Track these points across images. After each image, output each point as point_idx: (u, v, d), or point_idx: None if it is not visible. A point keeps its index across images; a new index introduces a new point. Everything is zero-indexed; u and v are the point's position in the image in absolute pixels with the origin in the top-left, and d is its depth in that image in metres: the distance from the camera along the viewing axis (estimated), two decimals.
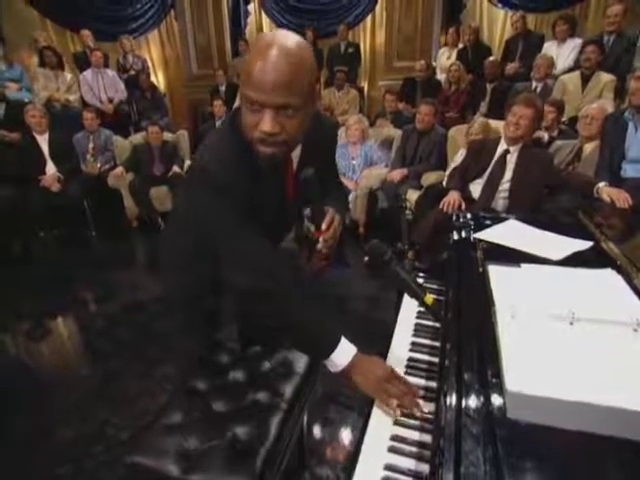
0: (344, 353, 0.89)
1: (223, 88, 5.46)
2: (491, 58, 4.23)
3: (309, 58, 0.82)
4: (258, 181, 0.92)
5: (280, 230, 1.20)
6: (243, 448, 1.00)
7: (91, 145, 4.09)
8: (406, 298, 1.14)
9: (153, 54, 6.47)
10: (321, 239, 1.03)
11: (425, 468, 0.69)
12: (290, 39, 0.79)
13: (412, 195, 3.17)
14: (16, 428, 1.78)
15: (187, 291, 1.26)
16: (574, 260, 1.03)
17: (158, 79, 6.49)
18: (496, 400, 0.62)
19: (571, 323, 0.75)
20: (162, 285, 1.41)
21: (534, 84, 3.69)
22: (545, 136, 2.82)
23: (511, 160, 2.32)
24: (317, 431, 1.67)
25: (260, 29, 6.30)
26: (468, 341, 0.78)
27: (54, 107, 4.56)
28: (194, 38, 6.22)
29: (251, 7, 6.15)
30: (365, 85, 6.00)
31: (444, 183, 2.79)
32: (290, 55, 0.77)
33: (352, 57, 5.39)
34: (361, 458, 0.74)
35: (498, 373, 0.65)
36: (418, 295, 0.82)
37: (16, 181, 3.61)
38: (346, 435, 1.66)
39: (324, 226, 1.03)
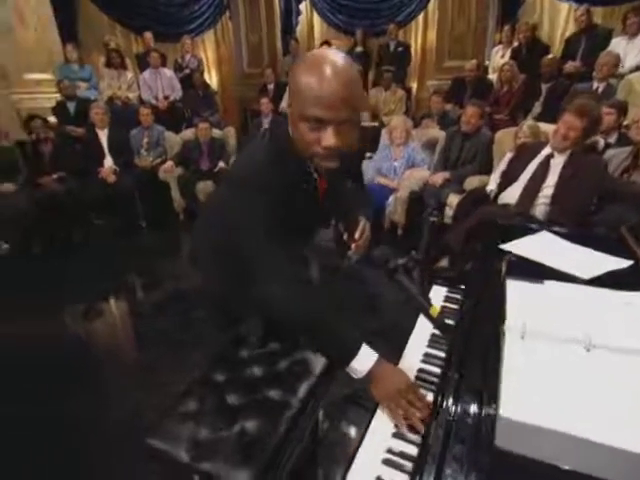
0: (365, 360, 0.90)
1: (272, 86, 5.58)
2: (549, 56, 3.98)
3: (357, 73, 0.87)
4: (292, 187, 0.96)
5: (309, 232, 1.23)
6: (251, 442, 1.03)
7: (145, 140, 4.32)
8: None
9: (208, 53, 6.74)
10: (353, 246, 1.05)
11: None
12: (339, 57, 0.84)
13: (453, 199, 3.06)
14: (62, 401, 1.94)
15: (214, 283, 1.31)
16: (607, 280, 0.95)
17: (211, 77, 6.74)
18: (488, 425, 0.59)
19: (587, 349, 0.70)
20: (191, 275, 1.47)
21: (595, 84, 3.43)
22: (601, 142, 2.61)
23: (557, 164, 2.17)
24: (333, 431, 1.68)
25: (311, 28, 6.36)
26: (473, 358, 0.75)
27: (116, 104, 4.89)
28: (246, 37, 6.40)
29: (302, 6, 6.22)
30: (414, 85, 5.87)
31: (487, 188, 2.68)
32: (347, 72, 0.82)
33: (401, 56, 5.30)
34: (353, 467, 0.74)
35: (495, 396, 0.63)
36: (422, 306, 0.80)
37: (79, 173, 3.93)
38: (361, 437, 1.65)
39: (357, 235, 1.06)
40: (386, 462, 0.74)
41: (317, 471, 1.50)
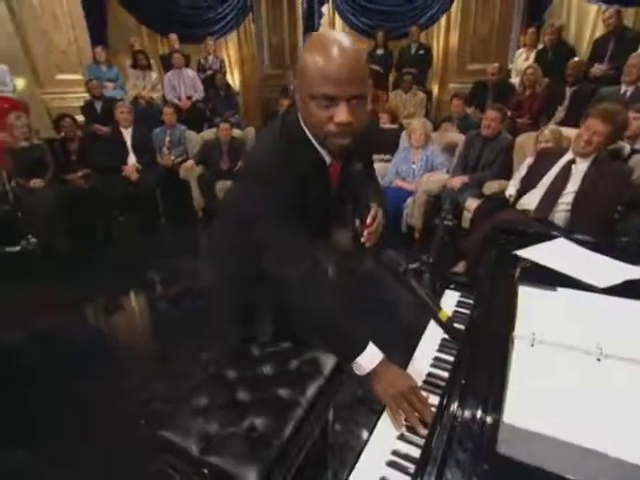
0: (370, 358, 0.92)
1: (292, 87, 5.61)
2: (575, 59, 3.87)
3: (362, 50, 0.89)
4: (304, 176, 0.97)
5: (325, 222, 1.23)
6: (259, 439, 1.04)
7: (167, 139, 4.42)
8: None
9: (231, 54, 6.84)
10: (365, 232, 1.05)
11: None
12: (345, 36, 0.86)
13: (472, 203, 3.02)
14: (84, 390, 2.00)
15: (228, 282, 1.33)
16: (624, 289, 0.93)
17: (234, 78, 6.84)
18: (491, 431, 0.59)
19: (598, 359, 0.69)
20: (206, 273, 1.50)
21: (623, 88, 3.32)
22: (627, 147, 2.52)
23: (579, 170, 2.13)
24: (343, 433, 1.68)
25: (333, 30, 6.39)
26: (481, 364, 0.75)
27: (140, 104, 5.01)
28: (268, 39, 6.48)
29: (325, 8, 6.25)
30: (435, 88, 5.82)
31: (506, 193, 2.64)
32: (352, 49, 0.83)
33: (423, 59, 5.27)
34: (358, 466, 0.75)
35: (501, 403, 0.62)
36: (431, 310, 0.80)
37: (103, 170, 4.04)
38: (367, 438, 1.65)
39: (369, 220, 1.06)
40: (390, 464, 0.75)
41: (325, 471, 1.51)
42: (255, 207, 0.97)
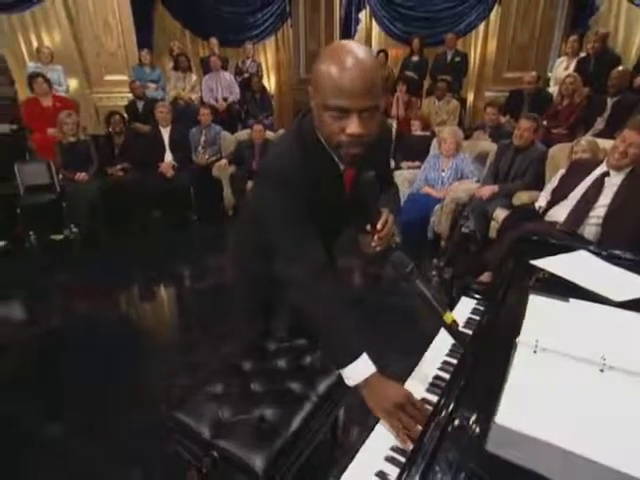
0: (361, 369, 0.89)
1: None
2: (620, 68, 3.72)
3: (377, 62, 0.91)
4: (318, 179, 1.00)
5: (337, 227, 1.26)
6: (268, 428, 1.08)
7: (203, 138, 4.58)
8: None
9: (268, 59, 7.01)
10: (376, 237, 1.07)
11: None
12: (360, 47, 0.86)
13: (500, 214, 2.97)
14: (109, 371, 2.13)
15: (246, 278, 1.38)
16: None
17: (270, 82, 6.99)
18: (483, 431, 0.60)
19: (602, 370, 0.69)
20: (229, 269, 1.56)
21: None
22: None
23: (612, 183, 2.06)
24: (354, 433, 1.70)
25: (369, 36, 6.41)
26: (482, 367, 0.76)
27: (179, 104, 5.22)
28: (305, 44, 6.58)
29: (362, 15, 6.29)
30: (471, 96, 5.73)
31: (536, 204, 2.58)
32: (366, 61, 0.84)
33: (458, 67, 5.19)
34: (356, 458, 0.77)
35: (495, 405, 0.64)
36: (436, 311, 0.82)
37: (141, 167, 4.24)
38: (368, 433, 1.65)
39: (379, 226, 1.07)
40: (388, 459, 0.77)
41: (333, 469, 1.53)
42: (268, 208, 1.01)
